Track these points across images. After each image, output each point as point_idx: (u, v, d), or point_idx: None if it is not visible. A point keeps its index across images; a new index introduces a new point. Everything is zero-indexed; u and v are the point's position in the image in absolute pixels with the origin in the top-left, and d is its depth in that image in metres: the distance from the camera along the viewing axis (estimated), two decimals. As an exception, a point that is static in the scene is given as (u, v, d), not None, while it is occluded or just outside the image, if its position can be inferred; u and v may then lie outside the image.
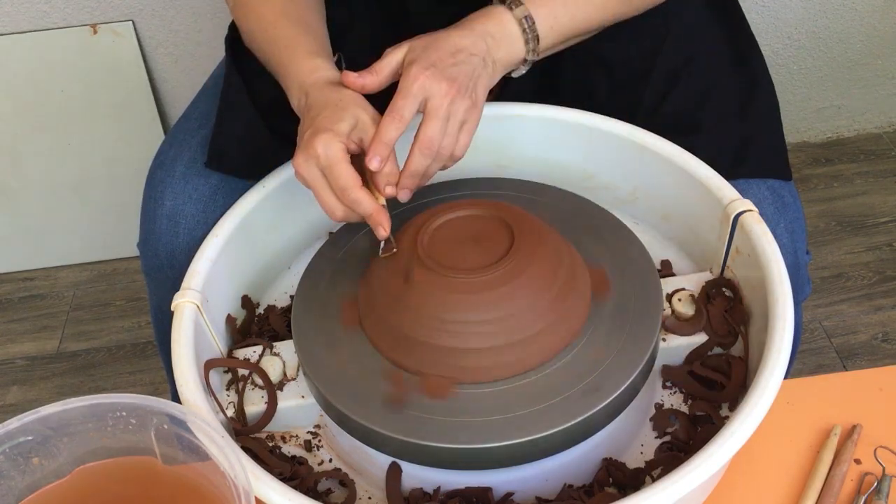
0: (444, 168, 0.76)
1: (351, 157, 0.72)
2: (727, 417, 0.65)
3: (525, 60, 0.80)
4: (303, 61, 0.79)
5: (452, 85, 0.72)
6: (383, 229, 0.71)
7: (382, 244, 0.71)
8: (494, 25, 0.78)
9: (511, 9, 0.78)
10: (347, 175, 0.70)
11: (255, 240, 0.82)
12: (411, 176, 0.73)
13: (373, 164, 0.71)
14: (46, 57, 1.56)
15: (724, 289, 0.76)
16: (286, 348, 0.74)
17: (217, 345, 0.75)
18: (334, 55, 0.83)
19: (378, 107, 0.75)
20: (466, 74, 0.74)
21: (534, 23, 0.79)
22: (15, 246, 1.79)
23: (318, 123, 0.72)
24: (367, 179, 0.73)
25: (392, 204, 0.82)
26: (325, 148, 0.70)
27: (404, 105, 0.71)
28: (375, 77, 0.75)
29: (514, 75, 0.82)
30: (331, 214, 0.73)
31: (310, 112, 0.74)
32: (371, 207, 0.71)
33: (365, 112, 0.73)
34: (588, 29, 0.84)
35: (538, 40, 0.79)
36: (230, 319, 0.78)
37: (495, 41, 0.77)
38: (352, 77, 0.75)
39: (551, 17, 0.80)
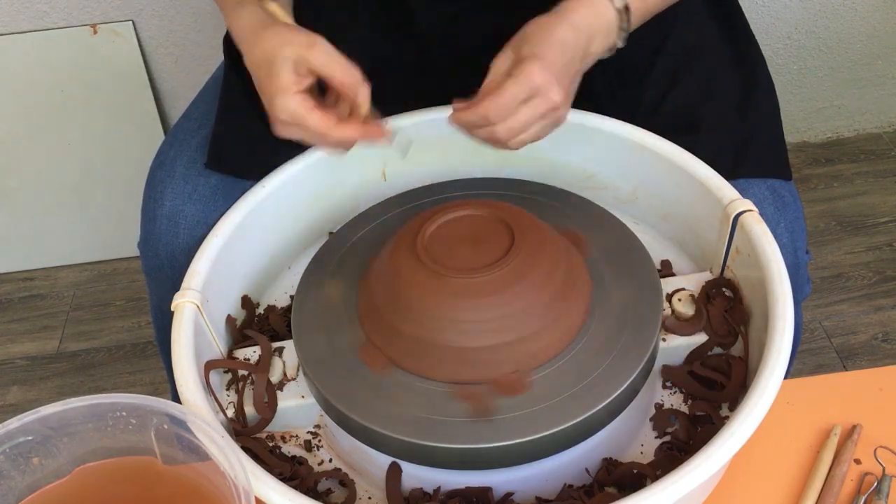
0: (495, 146, 0.73)
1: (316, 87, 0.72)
2: (727, 417, 0.65)
3: (612, 49, 0.78)
4: (234, 17, 0.78)
5: (562, 91, 0.71)
6: (381, 134, 0.70)
7: (394, 146, 0.70)
8: (594, 15, 0.74)
9: None
10: (317, 124, 0.70)
11: (255, 240, 0.82)
12: (461, 123, 0.71)
13: (453, 120, 0.70)
14: (46, 57, 1.56)
15: (724, 289, 0.76)
16: (286, 348, 0.74)
17: (217, 345, 0.75)
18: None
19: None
20: (570, 77, 0.72)
21: (629, 11, 0.76)
22: (15, 246, 1.79)
23: (264, 88, 0.72)
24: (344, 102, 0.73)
25: (393, 204, 0.82)
26: (283, 110, 0.70)
27: (503, 112, 0.69)
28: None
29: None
30: (334, 153, 0.74)
31: (256, 75, 0.74)
32: (357, 134, 0.70)
33: (290, 45, 0.71)
34: (668, 5, 0.82)
35: (629, 28, 0.77)
36: (230, 319, 0.78)
37: (593, 33, 0.74)
38: (461, 106, 0.71)
39: (642, 3, 0.77)
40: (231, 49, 0.94)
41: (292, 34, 0.72)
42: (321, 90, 0.74)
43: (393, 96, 0.76)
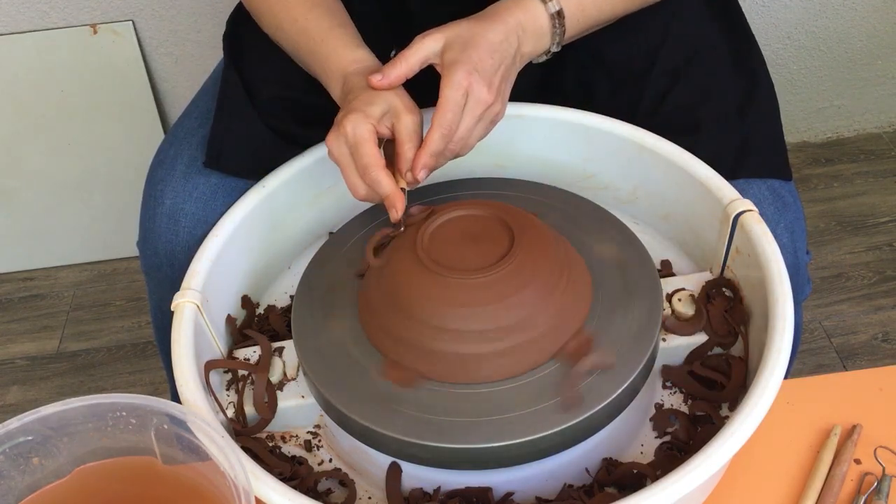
0: (453, 157, 0.76)
1: (382, 142, 0.74)
2: (727, 417, 0.65)
3: (548, 52, 0.80)
4: (345, 54, 0.80)
5: (491, 91, 0.73)
6: (396, 211, 0.72)
7: (393, 224, 0.73)
8: (526, 18, 0.77)
9: (544, 1, 0.78)
10: (371, 155, 0.72)
11: (255, 240, 0.82)
12: (431, 155, 0.73)
13: (420, 175, 0.72)
14: (46, 57, 1.56)
15: (724, 289, 0.76)
16: (286, 348, 0.74)
17: (217, 345, 0.75)
18: (390, 51, 0.82)
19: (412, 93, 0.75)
20: (501, 76, 0.75)
21: (564, 17, 0.78)
22: (15, 246, 1.79)
23: (352, 105, 0.74)
24: (391, 164, 0.74)
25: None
26: (353, 127, 0.72)
27: (453, 120, 0.72)
28: (403, 65, 0.74)
29: (533, 61, 0.82)
30: (353, 192, 0.74)
31: (348, 96, 0.76)
32: (390, 188, 0.72)
33: (399, 99, 0.74)
34: (611, 18, 0.84)
35: (564, 33, 0.79)
36: (230, 319, 0.78)
37: (525, 35, 0.77)
38: (375, 79, 0.74)
39: (579, 10, 0.80)
40: (231, 48, 0.94)
41: (405, 94, 0.75)
42: None
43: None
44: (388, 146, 0.75)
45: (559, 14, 0.78)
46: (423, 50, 0.75)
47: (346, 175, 0.74)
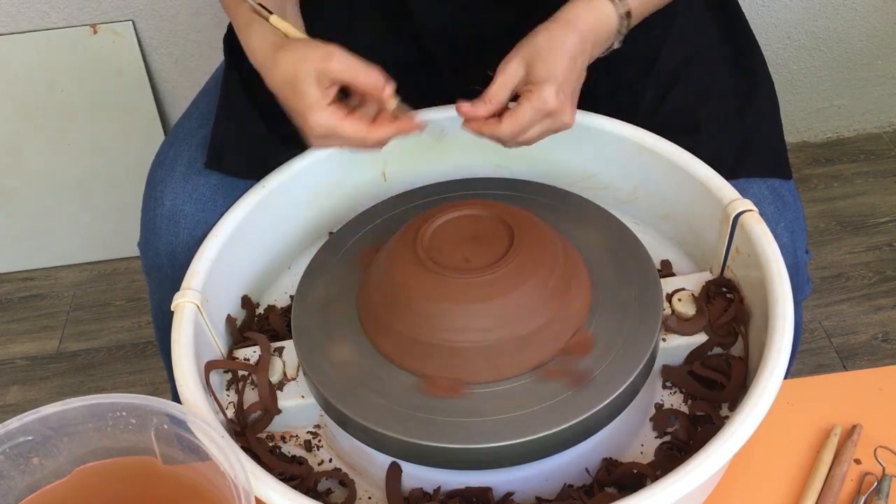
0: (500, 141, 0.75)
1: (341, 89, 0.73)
2: (727, 417, 0.65)
3: (609, 49, 0.80)
4: (247, 40, 0.79)
5: (574, 109, 0.74)
6: (414, 125, 0.72)
7: (428, 134, 0.73)
8: (598, 22, 0.76)
9: (614, 2, 0.77)
10: (352, 131, 0.71)
11: (255, 240, 0.82)
12: (482, 132, 0.73)
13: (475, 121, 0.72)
14: (46, 57, 1.56)
15: (724, 289, 0.76)
16: (286, 348, 0.74)
17: (217, 345, 0.75)
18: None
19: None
20: (578, 92, 0.75)
21: (631, 16, 0.78)
22: (15, 246, 1.79)
23: (293, 107, 0.73)
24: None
25: (393, 204, 0.82)
26: (317, 125, 0.71)
27: (518, 133, 0.72)
28: (490, 106, 0.73)
29: None
30: (371, 152, 0.75)
31: (280, 96, 0.75)
32: (392, 131, 0.72)
33: (307, 61, 0.72)
34: (662, 6, 0.84)
35: (628, 30, 0.79)
36: (230, 319, 0.78)
37: (597, 41, 0.77)
38: (465, 108, 0.73)
39: (642, 4, 0.79)
40: (231, 48, 0.94)
41: (307, 50, 0.73)
42: (344, 93, 0.74)
43: None
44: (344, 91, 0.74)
45: (628, 14, 0.77)
46: (510, 83, 0.73)
47: (358, 149, 0.74)
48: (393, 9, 0.92)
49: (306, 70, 0.71)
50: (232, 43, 0.94)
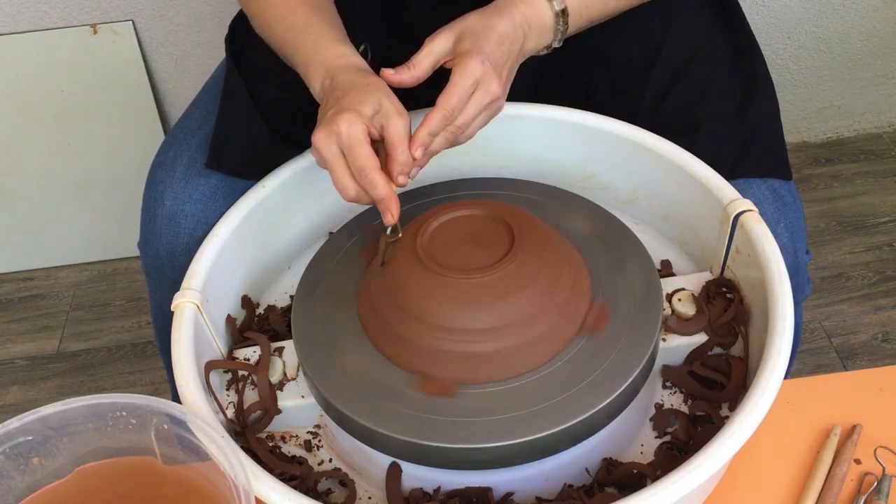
0: (448, 146, 0.75)
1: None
2: (727, 417, 0.65)
3: (549, 47, 0.81)
4: (330, 47, 0.79)
5: (500, 84, 0.74)
6: (391, 215, 0.71)
7: (389, 230, 0.71)
8: (531, 14, 0.77)
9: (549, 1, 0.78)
10: (367, 156, 0.70)
11: (255, 240, 0.82)
12: (429, 133, 0.72)
13: (417, 152, 0.71)
14: (46, 57, 1.56)
15: (724, 289, 0.76)
16: (286, 348, 0.74)
17: (217, 345, 0.75)
18: (359, 46, 0.82)
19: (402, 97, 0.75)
20: (508, 70, 0.75)
21: (567, 14, 0.79)
22: (15, 246, 1.79)
23: (343, 103, 0.72)
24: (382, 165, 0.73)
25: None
26: (348, 127, 0.70)
27: (457, 105, 0.72)
28: (413, 71, 0.74)
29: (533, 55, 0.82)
30: (343, 193, 0.72)
31: (334, 93, 0.74)
32: (385, 191, 0.70)
33: (388, 100, 0.73)
34: (614, 13, 0.85)
35: (567, 30, 0.80)
36: (230, 319, 0.78)
37: (530, 31, 0.77)
38: (388, 74, 0.74)
39: (582, 6, 0.80)
40: (233, 49, 0.94)
41: (394, 95, 0.74)
42: None
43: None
44: (374, 146, 0.73)
45: (563, 12, 0.78)
46: (435, 52, 0.75)
47: (337, 175, 0.72)
48: (393, 9, 0.92)
49: (379, 95, 0.72)
50: (234, 43, 0.95)
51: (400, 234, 0.71)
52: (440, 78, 0.74)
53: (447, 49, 0.75)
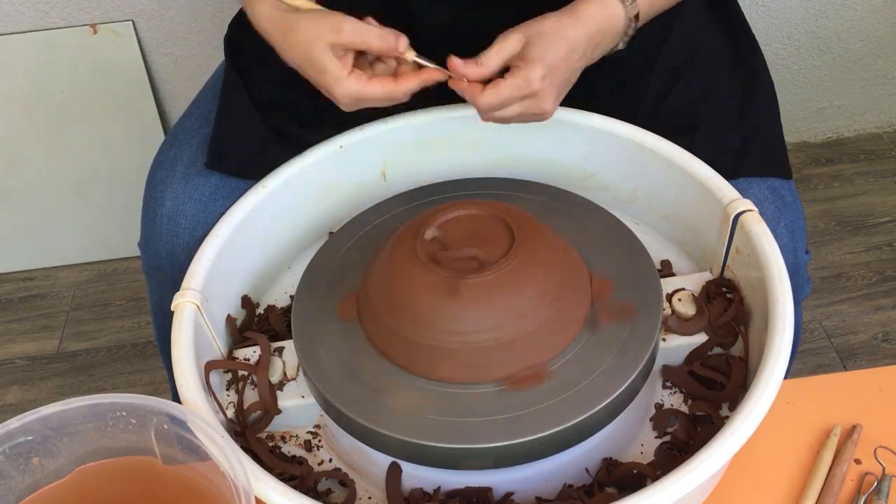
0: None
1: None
2: (727, 417, 0.65)
3: (613, 50, 0.80)
4: (256, 20, 0.79)
5: (555, 104, 0.74)
6: (437, 73, 0.73)
7: (453, 76, 0.73)
8: (607, 22, 0.76)
9: (625, 3, 0.77)
10: (380, 92, 0.73)
11: (255, 240, 0.82)
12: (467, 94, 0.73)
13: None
14: (46, 57, 1.56)
15: (724, 289, 0.76)
16: (286, 348, 0.74)
17: (217, 345, 0.75)
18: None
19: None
20: (567, 87, 0.76)
21: (638, 18, 0.78)
22: (15, 246, 1.79)
23: (316, 82, 0.75)
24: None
25: (393, 204, 0.82)
26: (345, 96, 0.73)
27: (498, 105, 0.72)
28: (481, 69, 0.73)
29: None
30: (406, 95, 0.75)
31: (302, 72, 0.76)
32: (417, 83, 0.73)
33: (319, 38, 0.73)
34: (671, 6, 0.85)
35: (634, 34, 0.79)
36: (230, 319, 0.78)
37: (602, 42, 0.77)
38: (456, 64, 0.73)
39: (650, 9, 0.80)
40: (232, 49, 0.94)
41: (317, 25, 0.74)
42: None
43: None
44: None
45: (636, 17, 0.78)
46: (505, 52, 0.73)
47: (385, 104, 0.75)
48: (393, 7, 0.92)
49: (319, 48, 0.73)
50: (233, 43, 0.95)
51: (466, 80, 0.73)
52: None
53: (516, 51, 0.73)
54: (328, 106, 0.81)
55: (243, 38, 0.95)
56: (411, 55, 0.74)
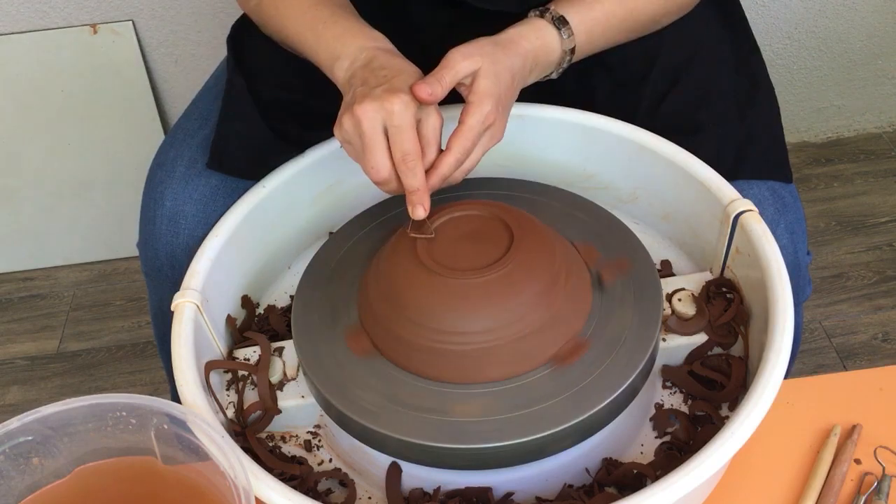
0: (449, 183, 0.74)
1: None
2: (727, 417, 0.65)
3: (548, 77, 0.82)
4: (362, 30, 0.78)
5: (504, 124, 0.74)
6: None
7: (412, 224, 0.70)
8: (541, 49, 0.78)
9: (562, 36, 0.79)
10: (415, 141, 0.69)
11: (255, 240, 0.82)
12: (441, 178, 0.71)
13: (421, 208, 0.69)
14: (46, 57, 1.56)
15: (724, 289, 0.76)
16: (286, 348, 0.74)
17: (217, 345, 0.75)
18: None
19: None
20: (509, 109, 0.76)
21: (574, 52, 0.80)
22: (15, 246, 1.79)
23: (395, 83, 0.70)
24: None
25: (393, 204, 0.82)
26: (402, 107, 0.68)
27: (469, 148, 0.71)
28: (441, 89, 0.71)
29: None
30: (376, 173, 0.70)
31: (380, 71, 0.72)
32: (422, 182, 0.69)
33: (411, 76, 0.72)
34: (611, 46, 0.86)
35: (569, 65, 0.82)
36: (230, 319, 0.78)
37: (536, 67, 0.79)
38: (426, 93, 0.70)
39: (588, 44, 0.82)
40: (235, 49, 0.94)
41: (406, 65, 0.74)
42: None
43: None
44: None
45: (571, 51, 0.80)
46: (462, 72, 0.72)
47: (375, 153, 0.69)
48: (393, 13, 0.92)
49: (410, 80, 0.71)
50: (236, 44, 0.95)
51: (432, 234, 0.69)
52: None
53: (470, 72, 0.73)
54: (328, 107, 0.81)
55: (245, 38, 0.95)
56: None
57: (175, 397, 0.80)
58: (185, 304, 0.71)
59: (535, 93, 0.88)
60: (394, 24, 0.92)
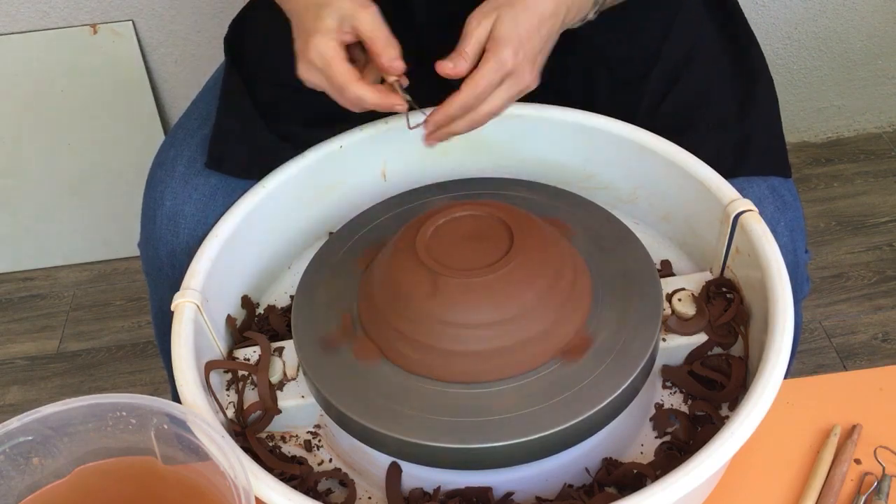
0: (470, 129, 0.73)
1: (350, 46, 0.72)
2: (727, 417, 0.65)
3: (584, 19, 0.78)
4: None
5: (533, 72, 0.72)
6: (399, 105, 0.69)
7: (408, 119, 0.69)
8: None
9: None
10: (342, 72, 0.70)
11: (255, 240, 0.82)
12: (446, 115, 0.71)
13: (430, 136, 0.70)
14: (46, 57, 1.56)
15: (724, 289, 0.76)
16: (286, 348, 0.74)
17: (217, 345, 0.75)
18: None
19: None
20: (544, 54, 0.73)
21: None
22: (15, 246, 1.79)
23: (305, 27, 0.71)
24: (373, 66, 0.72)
25: (393, 204, 0.82)
26: (316, 50, 0.70)
27: (481, 96, 0.70)
28: (466, 63, 0.71)
29: None
30: (352, 109, 0.72)
31: (295, 20, 0.73)
32: (373, 99, 0.69)
33: (345, 0, 0.71)
34: None
35: (604, 3, 0.78)
36: (230, 319, 0.78)
37: (571, 7, 0.74)
38: (449, 68, 0.70)
39: None
40: (232, 49, 0.94)
41: None
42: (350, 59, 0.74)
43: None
44: (356, 48, 0.72)
45: None
46: (482, 34, 0.71)
47: (332, 96, 0.71)
48: (392, 6, 0.92)
49: (338, 3, 0.71)
50: (233, 44, 0.95)
51: (425, 117, 0.68)
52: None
53: (488, 31, 0.71)
54: (328, 106, 0.81)
55: (243, 38, 0.95)
56: (391, 78, 0.71)
57: (175, 397, 0.80)
58: (185, 304, 0.71)
59: (537, 92, 0.88)
60: (392, 18, 0.92)
